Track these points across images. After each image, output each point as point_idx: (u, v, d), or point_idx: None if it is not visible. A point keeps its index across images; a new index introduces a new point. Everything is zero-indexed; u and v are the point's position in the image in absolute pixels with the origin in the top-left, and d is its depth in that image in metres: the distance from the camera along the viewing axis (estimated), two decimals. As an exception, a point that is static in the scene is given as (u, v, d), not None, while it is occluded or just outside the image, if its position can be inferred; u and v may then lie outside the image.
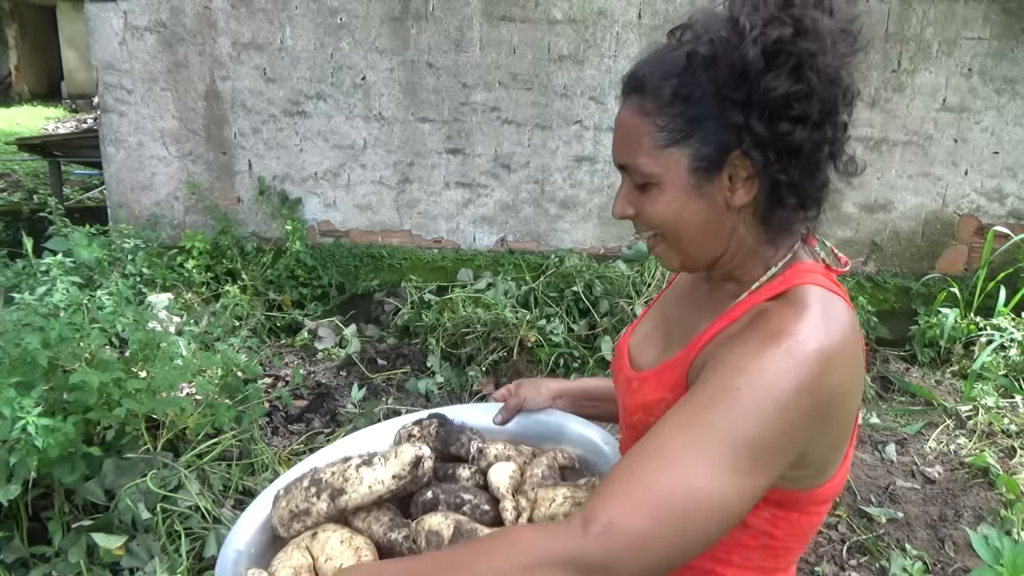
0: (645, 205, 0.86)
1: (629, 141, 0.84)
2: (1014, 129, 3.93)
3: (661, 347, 0.97)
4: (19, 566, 2.04)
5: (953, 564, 2.36)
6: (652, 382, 0.92)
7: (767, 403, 0.72)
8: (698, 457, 0.71)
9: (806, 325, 0.76)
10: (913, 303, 3.99)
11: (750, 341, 0.76)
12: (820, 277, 0.85)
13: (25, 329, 2.10)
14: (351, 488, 1.00)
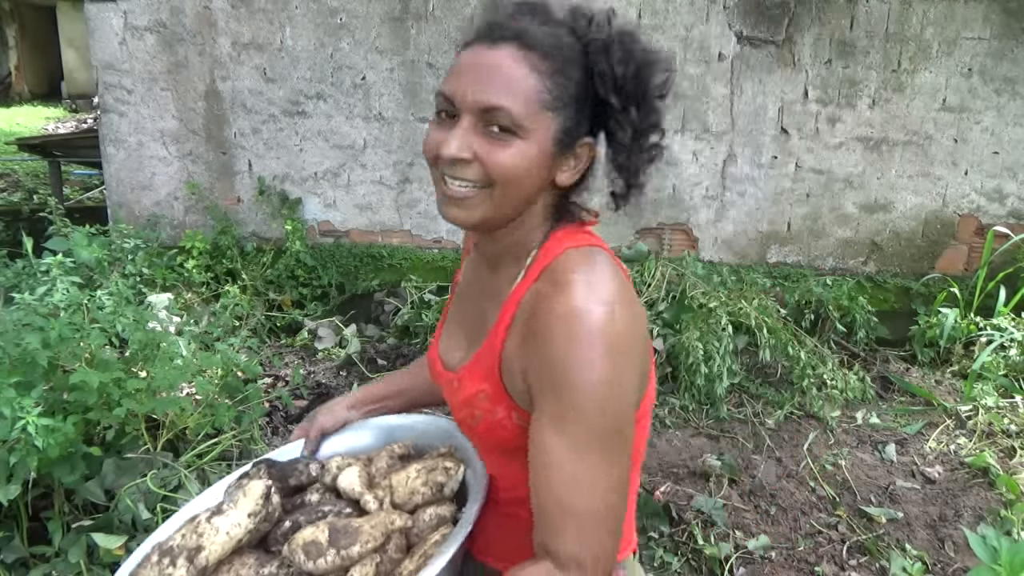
0: (495, 152, 0.86)
1: (511, 86, 0.84)
2: (1014, 129, 3.93)
3: (465, 344, 1.02)
4: (19, 566, 2.04)
5: (953, 564, 2.36)
6: (467, 378, 0.97)
7: (608, 393, 0.82)
8: (603, 469, 0.84)
9: (583, 301, 0.84)
10: (913, 303, 3.99)
11: (552, 344, 0.83)
12: (575, 235, 0.96)
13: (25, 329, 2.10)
14: (208, 541, 0.92)
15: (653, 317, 3.56)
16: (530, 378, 0.87)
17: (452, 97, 0.86)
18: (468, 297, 1.07)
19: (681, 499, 2.60)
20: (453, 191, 0.88)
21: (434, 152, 0.89)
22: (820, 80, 3.92)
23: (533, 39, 0.85)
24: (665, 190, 4.09)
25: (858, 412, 3.27)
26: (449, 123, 0.88)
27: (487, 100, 0.84)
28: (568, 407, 0.82)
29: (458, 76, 0.87)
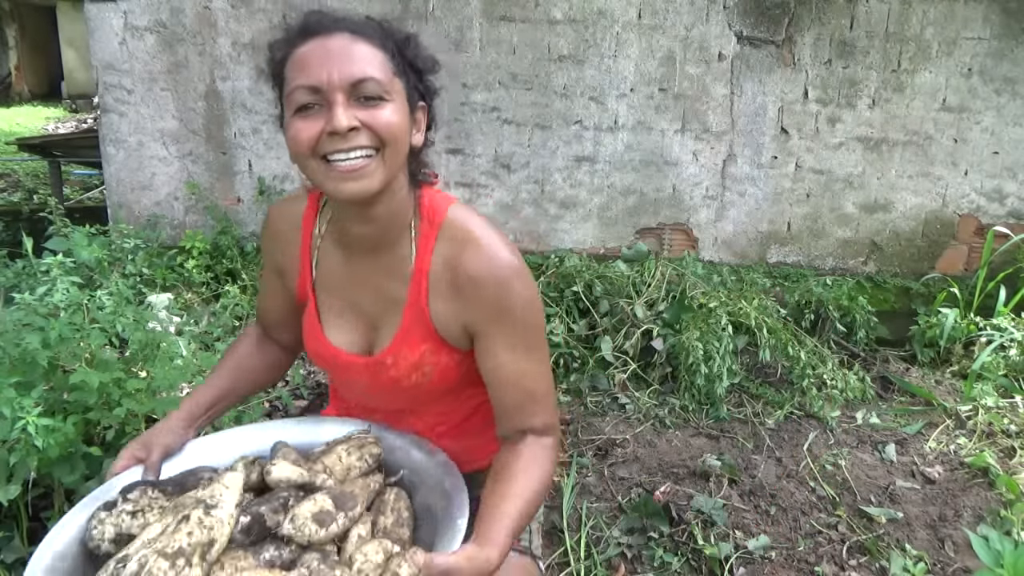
0: (375, 116, 0.95)
1: (366, 60, 0.95)
2: (1014, 129, 3.93)
3: (372, 328, 1.14)
4: (19, 566, 2.04)
5: (953, 564, 2.35)
6: (403, 350, 1.11)
7: (534, 307, 1.09)
8: (544, 361, 1.12)
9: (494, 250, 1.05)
10: (913, 303, 3.99)
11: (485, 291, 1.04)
12: (436, 195, 1.11)
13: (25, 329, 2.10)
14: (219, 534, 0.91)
15: (653, 317, 3.56)
16: (468, 322, 1.07)
17: (318, 84, 0.93)
18: (346, 288, 1.15)
19: (681, 499, 2.60)
20: (349, 165, 0.95)
21: (311, 140, 0.95)
22: (820, 80, 3.92)
23: (360, 28, 0.98)
24: (665, 190, 4.09)
25: (858, 412, 3.27)
26: (316, 112, 0.95)
27: (354, 74, 0.93)
28: (512, 328, 1.06)
29: (314, 65, 0.94)
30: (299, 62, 0.96)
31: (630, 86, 3.96)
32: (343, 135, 0.93)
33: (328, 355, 1.17)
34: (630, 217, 4.12)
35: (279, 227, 1.21)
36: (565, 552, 2.33)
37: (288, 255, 1.21)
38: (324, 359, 1.19)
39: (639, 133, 4.02)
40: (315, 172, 0.97)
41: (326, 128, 0.93)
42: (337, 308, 1.16)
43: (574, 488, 2.63)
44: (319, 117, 0.94)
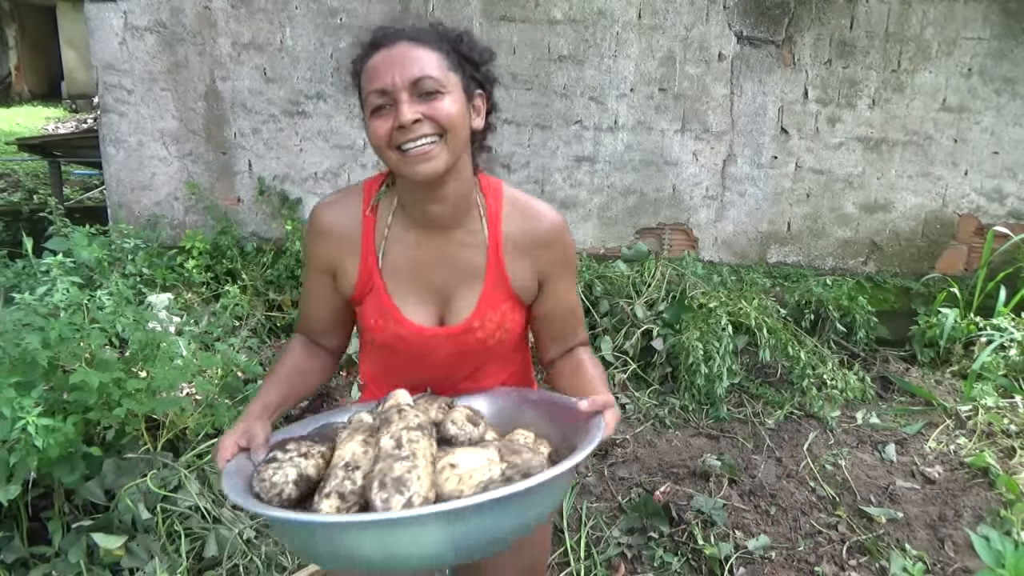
0: (435, 107, 1.11)
1: (423, 61, 1.12)
2: (1014, 129, 3.93)
3: (449, 299, 1.26)
4: (19, 566, 2.04)
5: (953, 564, 2.35)
6: (488, 312, 1.26)
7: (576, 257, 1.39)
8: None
9: (548, 211, 1.30)
10: (913, 303, 3.99)
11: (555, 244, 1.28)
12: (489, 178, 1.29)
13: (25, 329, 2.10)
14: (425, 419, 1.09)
15: (653, 317, 3.56)
16: (540, 272, 1.29)
17: (384, 88, 1.10)
18: (419, 268, 1.25)
19: (681, 499, 2.60)
20: (417, 151, 1.11)
21: (386, 134, 1.11)
22: (820, 80, 3.92)
23: (417, 35, 1.15)
24: (665, 190, 4.09)
25: (858, 412, 3.27)
26: (387, 111, 1.12)
27: (413, 74, 1.10)
28: (569, 270, 1.32)
29: (382, 73, 1.11)
30: (370, 72, 1.13)
31: (630, 86, 3.96)
32: (409, 127, 1.10)
33: (411, 333, 1.26)
34: (630, 217, 4.12)
35: (334, 224, 1.26)
36: (565, 552, 2.33)
37: (345, 251, 1.26)
38: (405, 339, 1.27)
39: (639, 133, 4.02)
40: (393, 161, 1.14)
41: (395, 123, 1.10)
42: (410, 289, 1.26)
43: (574, 488, 2.63)
44: (390, 115, 1.11)
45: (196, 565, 2.15)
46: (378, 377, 1.40)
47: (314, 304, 1.34)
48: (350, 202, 1.27)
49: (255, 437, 1.13)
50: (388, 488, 0.93)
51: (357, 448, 1.05)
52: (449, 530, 0.91)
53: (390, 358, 1.34)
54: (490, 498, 0.89)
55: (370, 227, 1.25)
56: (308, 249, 1.30)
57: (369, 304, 1.27)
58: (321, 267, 1.29)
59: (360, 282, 1.26)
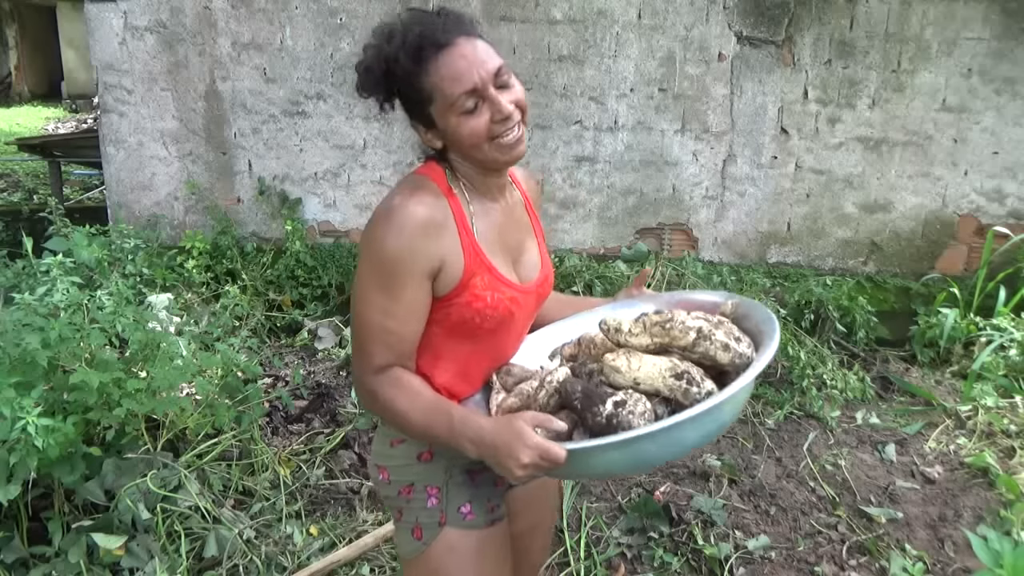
0: (515, 93, 1.19)
1: (489, 52, 1.18)
2: (1014, 129, 3.93)
3: (517, 256, 1.33)
4: (19, 566, 2.04)
5: (953, 564, 2.35)
6: (547, 261, 1.39)
7: None
8: None
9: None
10: (913, 303, 3.99)
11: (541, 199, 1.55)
12: None
13: (25, 329, 2.10)
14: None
15: (653, 317, 3.56)
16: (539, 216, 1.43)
17: (475, 86, 1.14)
18: (500, 234, 1.29)
19: (681, 499, 2.60)
20: (514, 137, 1.18)
21: (486, 129, 1.16)
22: (820, 80, 3.92)
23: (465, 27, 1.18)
24: (665, 190, 4.09)
25: (858, 412, 3.27)
26: (479, 109, 1.16)
27: (493, 65, 1.16)
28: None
29: (464, 73, 1.14)
30: (448, 75, 1.14)
31: (630, 86, 3.96)
32: (510, 116, 1.16)
33: (520, 295, 1.29)
34: (630, 217, 4.12)
35: (433, 217, 1.18)
36: (565, 552, 2.33)
37: (447, 242, 1.20)
38: (516, 302, 1.28)
39: (639, 133, 4.02)
40: (489, 151, 1.18)
41: (495, 117, 1.15)
42: (500, 257, 1.29)
43: (574, 488, 2.63)
44: (482, 112, 1.15)
45: (196, 565, 2.15)
46: (456, 380, 1.30)
47: (411, 321, 1.19)
48: (431, 191, 1.21)
49: (538, 417, 1.11)
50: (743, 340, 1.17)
51: (655, 358, 1.17)
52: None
53: (486, 342, 1.28)
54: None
55: (458, 209, 1.23)
56: (402, 257, 1.15)
57: (478, 284, 1.21)
58: (424, 271, 1.17)
59: (468, 265, 1.21)
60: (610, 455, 1.09)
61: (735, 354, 1.13)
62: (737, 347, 1.14)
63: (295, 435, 2.92)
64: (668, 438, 1.09)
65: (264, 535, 2.32)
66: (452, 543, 1.28)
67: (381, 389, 1.19)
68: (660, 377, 1.13)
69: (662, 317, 1.19)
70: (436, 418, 1.15)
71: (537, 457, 1.04)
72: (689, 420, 1.05)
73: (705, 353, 1.14)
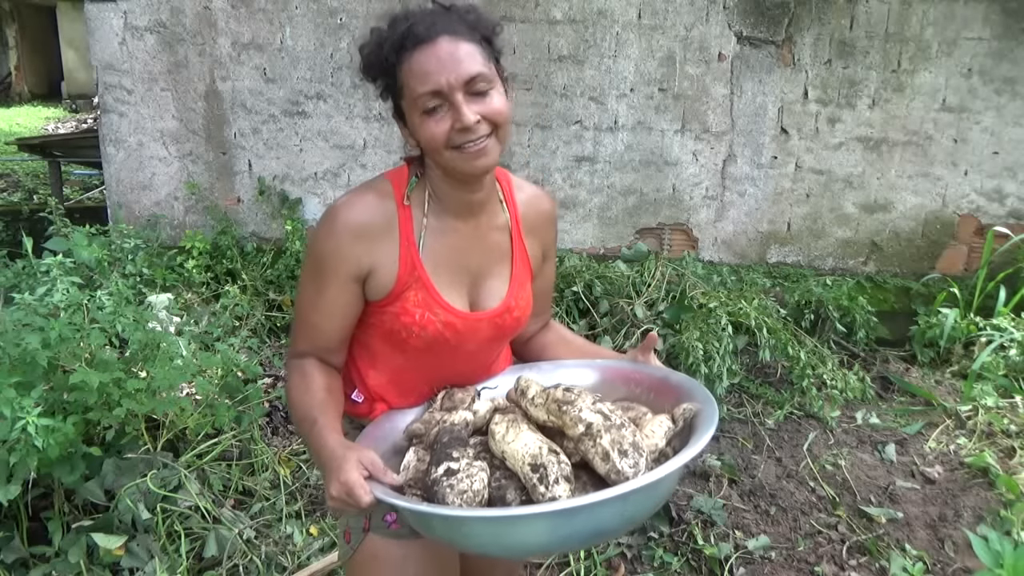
0: (488, 105, 1.13)
1: (471, 58, 1.11)
2: (1014, 129, 3.93)
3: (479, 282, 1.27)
4: (19, 566, 2.04)
5: (953, 564, 2.35)
6: (519, 291, 1.30)
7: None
8: None
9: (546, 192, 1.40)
10: (913, 303, 3.99)
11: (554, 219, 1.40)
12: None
13: (25, 329, 2.10)
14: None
15: (653, 317, 3.56)
16: (545, 248, 1.37)
17: (439, 89, 1.09)
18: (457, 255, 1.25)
19: (681, 499, 2.60)
20: (476, 149, 1.13)
21: (444, 135, 1.11)
22: (820, 80, 3.92)
23: (456, 28, 1.13)
24: (665, 190, 4.09)
25: (858, 412, 3.27)
26: (442, 112, 1.11)
27: (466, 73, 1.10)
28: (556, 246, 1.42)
29: (433, 74, 1.10)
30: (417, 72, 1.11)
31: (630, 86, 3.96)
32: (472, 127, 1.11)
33: (460, 321, 1.23)
34: (630, 217, 4.12)
35: (368, 223, 1.18)
36: (565, 552, 2.33)
37: (382, 247, 1.19)
38: (453, 327, 1.23)
39: (639, 133, 4.02)
40: (448, 159, 1.14)
41: (455, 125, 1.11)
42: (445, 278, 1.24)
43: (574, 488, 2.63)
44: (445, 116, 1.11)
45: (196, 565, 2.15)
46: (389, 387, 1.30)
47: (333, 318, 1.22)
48: (380, 196, 1.21)
49: (374, 462, 1.05)
50: (629, 454, 1.01)
51: (533, 437, 1.07)
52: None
53: (418, 359, 1.26)
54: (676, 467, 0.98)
55: (407, 219, 1.21)
56: (330, 256, 1.18)
57: (411, 298, 1.20)
58: (350, 273, 1.19)
59: (401, 276, 1.20)
60: (426, 520, 1.01)
61: (612, 468, 1.00)
62: (617, 462, 1.00)
63: (295, 435, 2.92)
64: (456, 529, 0.98)
65: (264, 535, 2.32)
66: (376, 551, 1.26)
67: (290, 373, 1.25)
68: (521, 460, 1.03)
69: (565, 397, 1.09)
70: (306, 419, 1.15)
71: (344, 493, 1.00)
72: (479, 519, 0.96)
73: (585, 453, 1.04)
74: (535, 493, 0.99)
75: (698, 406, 1.14)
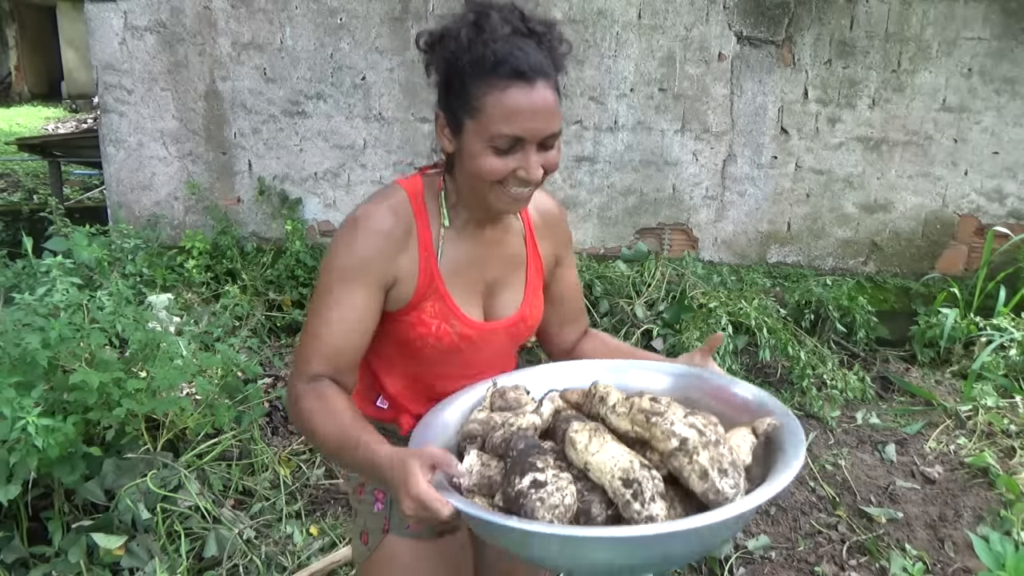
0: (550, 159, 1.11)
1: (555, 113, 1.09)
2: (1014, 129, 3.93)
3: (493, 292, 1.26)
4: (19, 566, 2.04)
5: (953, 564, 2.36)
6: (533, 299, 1.29)
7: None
8: None
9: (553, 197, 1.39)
10: (913, 303, 3.99)
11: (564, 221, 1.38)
12: None
13: (25, 329, 2.10)
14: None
15: (653, 317, 3.56)
16: (558, 254, 1.35)
17: (523, 135, 1.06)
18: (474, 264, 1.23)
19: (681, 499, 2.60)
20: (524, 195, 1.12)
21: (502, 176, 1.09)
22: (820, 80, 3.92)
23: (548, 70, 1.09)
24: (665, 190, 4.09)
25: (858, 412, 3.27)
26: (511, 152, 1.08)
27: (549, 130, 1.08)
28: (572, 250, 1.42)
29: (523, 119, 1.05)
30: (505, 109, 1.05)
31: (630, 86, 3.96)
32: (531, 182, 1.10)
33: (475, 332, 1.22)
34: (630, 217, 4.12)
35: (392, 231, 1.15)
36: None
37: (404, 258, 1.16)
38: (469, 338, 1.21)
39: (639, 133, 4.02)
40: (491, 193, 1.11)
41: (519, 173, 1.09)
42: (462, 287, 1.22)
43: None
44: (512, 158, 1.08)
45: (196, 565, 2.15)
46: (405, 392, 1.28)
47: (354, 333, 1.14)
48: (398, 204, 1.18)
49: (437, 456, 0.95)
50: (729, 474, 0.94)
51: (620, 449, 0.98)
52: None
53: (432, 367, 1.23)
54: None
55: (424, 227, 1.18)
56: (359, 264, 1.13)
57: (427, 309, 1.18)
58: (379, 280, 1.14)
59: (420, 286, 1.17)
60: (507, 536, 0.93)
61: (711, 488, 0.93)
62: (717, 481, 0.93)
63: (295, 435, 2.92)
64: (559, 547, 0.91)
65: (264, 535, 2.32)
66: (394, 552, 1.24)
67: (301, 400, 1.11)
68: (610, 474, 0.95)
69: (653, 407, 1.01)
70: (346, 443, 1.05)
71: (420, 509, 0.90)
72: (590, 539, 0.88)
73: (679, 471, 0.96)
74: (628, 510, 0.92)
75: (780, 420, 1.07)
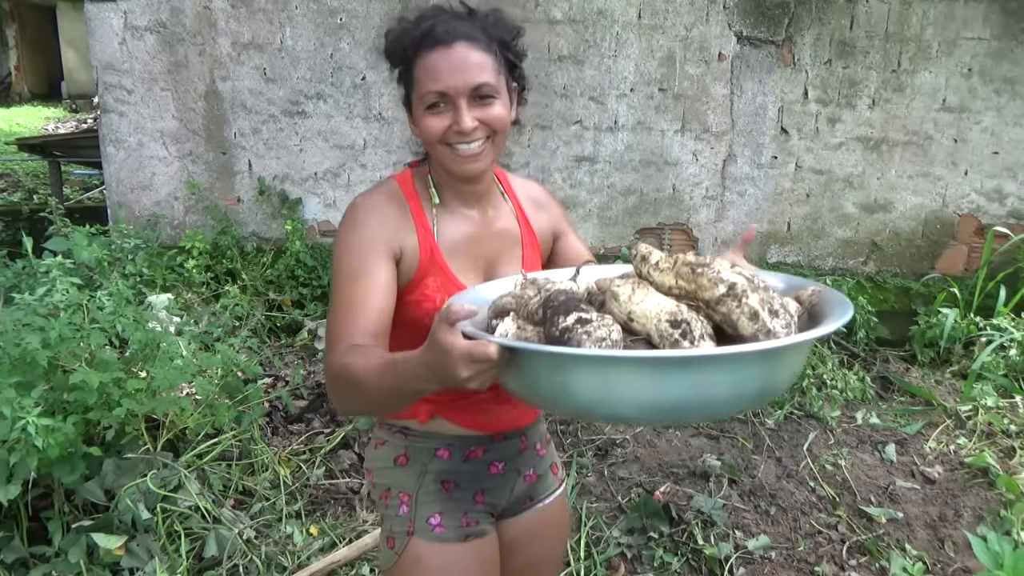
0: (489, 113, 1.18)
1: (481, 67, 1.17)
2: (1014, 129, 3.93)
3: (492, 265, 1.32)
4: (19, 566, 2.04)
5: (953, 564, 2.36)
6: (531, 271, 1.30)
7: None
8: None
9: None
10: (913, 303, 3.99)
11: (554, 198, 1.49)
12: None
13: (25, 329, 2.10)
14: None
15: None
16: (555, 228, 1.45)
17: (447, 91, 1.15)
18: (471, 241, 1.30)
19: (681, 499, 2.60)
20: (469, 151, 1.19)
21: (441, 132, 1.17)
22: (820, 80, 3.92)
23: (474, 35, 1.18)
24: (665, 190, 4.09)
25: (858, 412, 3.27)
26: (443, 110, 1.17)
27: (474, 81, 1.16)
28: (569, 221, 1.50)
29: (443, 75, 1.16)
30: (429, 69, 1.17)
31: (630, 86, 3.96)
32: (467, 132, 1.17)
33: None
34: (630, 217, 4.12)
35: (388, 209, 1.25)
36: (565, 552, 2.33)
37: (404, 235, 1.24)
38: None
39: (639, 133, 4.02)
40: (441, 154, 1.20)
41: (453, 127, 1.17)
42: (462, 263, 1.28)
43: (574, 488, 2.63)
44: (446, 115, 1.17)
45: (196, 565, 2.15)
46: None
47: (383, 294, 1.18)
48: (392, 190, 1.27)
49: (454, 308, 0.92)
50: (781, 315, 0.93)
51: (664, 297, 0.96)
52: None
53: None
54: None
55: (418, 209, 1.26)
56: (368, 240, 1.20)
57: (430, 284, 1.23)
58: (389, 251, 1.20)
59: (423, 262, 1.23)
60: (549, 375, 0.91)
61: (761, 327, 0.90)
62: (768, 321, 0.90)
63: (295, 435, 2.92)
64: (605, 373, 0.87)
65: (264, 535, 2.32)
66: (419, 555, 1.25)
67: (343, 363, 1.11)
68: (656, 318, 0.93)
69: (697, 260, 0.98)
70: (384, 369, 1.05)
71: (471, 363, 0.89)
72: (650, 360, 0.85)
73: (727, 316, 0.92)
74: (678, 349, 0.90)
75: (822, 288, 1.10)
